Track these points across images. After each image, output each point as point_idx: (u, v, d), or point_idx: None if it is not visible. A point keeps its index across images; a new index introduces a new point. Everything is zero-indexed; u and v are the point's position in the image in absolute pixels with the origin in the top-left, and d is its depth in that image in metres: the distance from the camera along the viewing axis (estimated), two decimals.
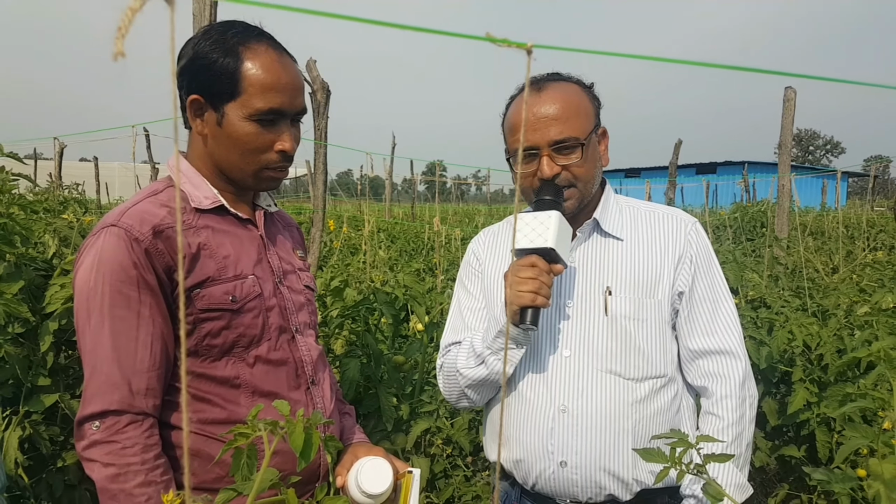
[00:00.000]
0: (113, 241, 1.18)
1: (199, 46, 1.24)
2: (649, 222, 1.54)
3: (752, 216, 8.56)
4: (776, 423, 2.70)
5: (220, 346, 1.25)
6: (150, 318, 1.19)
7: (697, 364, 1.50)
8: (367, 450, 1.42)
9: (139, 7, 0.41)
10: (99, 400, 1.16)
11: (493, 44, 0.50)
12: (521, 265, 1.37)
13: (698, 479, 1.21)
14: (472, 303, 1.64)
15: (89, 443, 1.15)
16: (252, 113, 1.24)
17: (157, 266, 1.19)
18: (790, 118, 5.00)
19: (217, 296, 1.24)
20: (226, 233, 1.32)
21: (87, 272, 1.18)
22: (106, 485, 1.13)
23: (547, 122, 1.41)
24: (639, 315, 1.45)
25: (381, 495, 1.30)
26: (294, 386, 1.36)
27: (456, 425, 2.43)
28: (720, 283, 1.53)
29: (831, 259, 5.11)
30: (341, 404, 1.58)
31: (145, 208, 1.23)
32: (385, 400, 2.32)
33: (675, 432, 0.94)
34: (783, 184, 5.02)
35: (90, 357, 1.18)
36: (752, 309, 3.02)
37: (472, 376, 1.53)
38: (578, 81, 1.51)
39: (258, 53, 1.24)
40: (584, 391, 1.44)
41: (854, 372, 2.44)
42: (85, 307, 1.18)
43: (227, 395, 1.26)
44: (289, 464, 1.25)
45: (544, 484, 1.47)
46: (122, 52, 0.40)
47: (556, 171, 1.42)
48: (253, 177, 1.31)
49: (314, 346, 1.44)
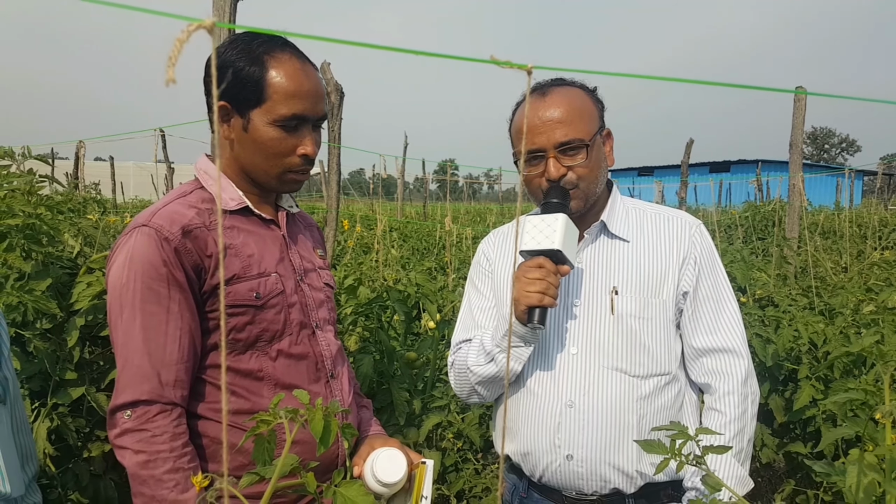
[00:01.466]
0: (144, 240, 1.24)
1: (226, 55, 1.30)
2: (655, 224, 1.58)
3: (763, 215, 8.52)
4: (783, 420, 2.72)
5: (245, 341, 1.31)
6: (179, 314, 1.25)
7: (701, 362, 1.54)
8: (383, 441, 1.47)
9: (186, 38, 0.46)
10: (130, 390, 1.22)
11: (496, 66, 0.56)
12: (529, 266, 1.41)
13: (700, 471, 1.25)
14: (482, 302, 1.68)
15: (121, 431, 1.22)
16: (276, 119, 1.30)
17: (186, 264, 1.26)
18: (801, 117, 5.00)
19: (242, 293, 1.30)
20: (250, 232, 1.38)
21: (119, 269, 1.25)
22: (137, 471, 1.19)
23: (552, 125, 1.46)
24: (644, 314, 1.49)
25: (395, 484, 1.34)
26: (314, 379, 1.42)
27: (467, 420, 2.48)
28: (723, 283, 1.56)
29: (841, 258, 5.11)
30: (359, 398, 1.64)
31: (175, 209, 1.30)
32: (397, 395, 2.37)
33: (675, 425, 0.97)
34: (794, 183, 5.03)
35: (122, 350, 1.24)
36: (760, 308, 3.05)
37: (482, 373, 1.57)
38: (582, 85, 1.55)
39: (282, 62, 1.30)
40: (590, 387, 1.48)
41: (860, 370, 2.47)
42: (117, 303, 1.25)
43: (251, 386, 1.32)
44: (307, 453, 1.31)
45: (551, 476, 1.51)
46: (173, 79, 0.45)
47: (563, 173, 1.46)
48: (276, 179, 1.37)
49: (333, 342, 1.49)
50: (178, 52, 0.45)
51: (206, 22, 0.47)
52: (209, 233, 1.30)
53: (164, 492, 1.18)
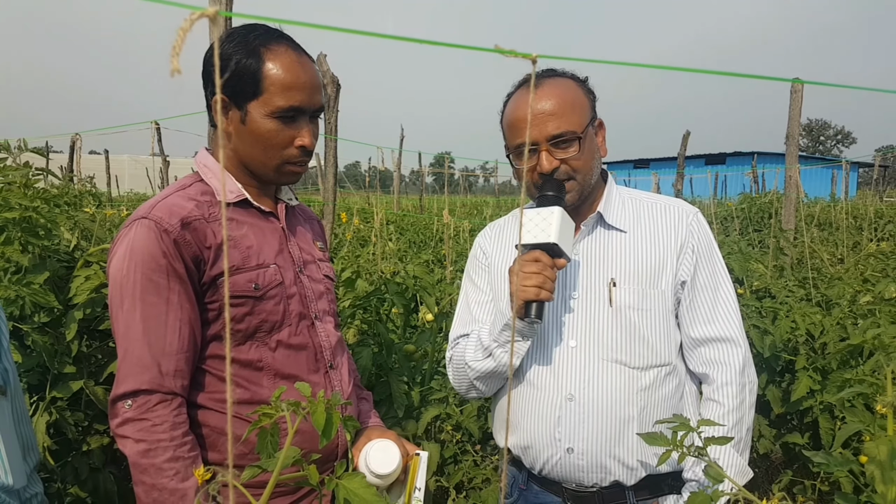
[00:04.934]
0: (144, 232, 1.25)
1: (223, 49, 1.30)
2: (651, 214, 1.57)
3: (759, 207, 8.54)
4: (780, 411, 2.73)
5: (244, 331, 1.32)
6: (179, 304, 1.26)
7: (699, 352, 1.54)
8: (379, 433, 1.48)
9: (189, 27, 0.46)
10: (131, 380, 1.23)
11: (501, 55, 0.56)
12: (525, 260, 1.40)
13: (700, 462, 1.26)
14: (480, 296, 1.67)
15: (122, 420, 1.23)
16: (273, 110, 1.30)
17: (185, 255, 1.26)
18: (797, 109, 5.01)
19: (241, 283, 1.31)
20: (249, 225, 1.38)
21: (120, 261, 1.26)
22: (137, 459, 1.20)
23: (544, 118, 1.45)
24: (643, 305, 1.49)
25: (388, 476, 1.35)
26: (313, 369, 1.42)
27: (465, 412, 2.49)
28: (721, 271, 1.56)
29: (837, 250, 5.12)
30: (359, 389, 1.65)
31: (174, 202, 1.30)
32: (396, 387, 2.38)
33: (676, 417, 0.97)
34: (790, 175, 5.04)
35: (123, 340, 1.25)
36: (757, 299, 3.05)
37: (480, 368, 1.57)
38: (573, 76, 1.54)
39: (279, 54, 1.31)
40: (590, 380, 1.48)
41: (857, 360, 2.48)
42: (118, 294, 1.25)
43: (250, 376, 1.34)
44: (307, 442, 1.32)
45: (551, 469, 1.51)
46: (178, 69, 0.45)
47: (556, 165, 1.46)
48: (275, 171, 1.38)
49: (333, 333, 1.50)
50: (181, 41, 0.45)
51: (210, 11, 0.47)
52: (208, 225, 1.31)
53: (165, 480, 1.19)
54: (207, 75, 1.33)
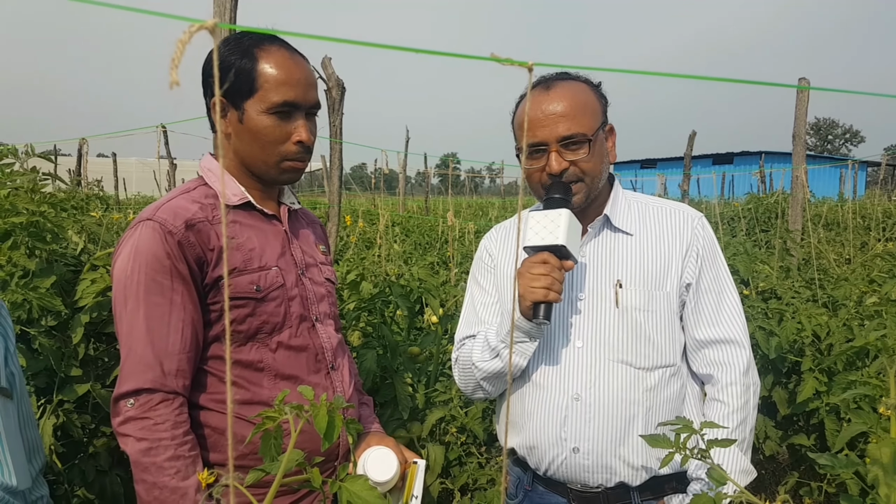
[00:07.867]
0: (148, 233, 1.27)
1: (219, 53, 1.32)
2: (657, 217, 1.58)
3: (766, 207, 8.51)
4: (786, 413, 2.72)
5: (245, 332, 1.34)
6: (182, 305, 1.28)
7: (703, 353, 1.55)
8: (378, 439, 1.50)
9: (188, 40, 0.46)
10: (133, 379, 1.24)
11: (497, 63, 0.56)
12: (533, 262, 1.41)
13: (704, 463, 1.26)
14: (485, 298, 1.68)
15: (124, 419, 1.24)
16: (269, 107, 1.33)
17: (189, 257, 1.28)
18: (804, 109, 4.99)
19: (243, 285, 1.32)
20: (252, 227, 1.40)
21: (124, 262, 1.28)
22: (138, 458, 1.22)
23: (555, 119, 1.46)
24: (649, 307, 1.50)
25: (385, 483, 1.35)
26: (314, 370, 1.44)
27: (470, 414, 2.49)
28: (725, 275, 1.57)
29: (844, 250, 5.10)
30: (360, 394, 1.66)
31: (179, 204, 1.33)
32: (401, 389, 2.38)
33: (680, 419, 0.97)
34: (797, 175, 5.02)
35: (126, 339, 1.27)
36: (763, 300, 3.04)
37: (487, 369, 1.58)
38: (586, 80, 1.55)
39: (271, 53, 1.34)
40: (596, 380, 1.48)
41: (863, 361, 2.47)
42: (122, 294, 1.27)
43: (250, 377, 1.35)
44: (308, 443, 1.33)
45: (556, 470, 1.52)
46: (177, 81, 0.46)
47: (564, 167, 1.46)
48: (275, 168, 1.40)
49: (334, 335, 1.52)
50: (180, 54, 0.45)
51: (208, 23, 0.47)
52: (212, 227, 1.33)
53: (166, 479, 1.21)
54: (207, 84, 1.36)
